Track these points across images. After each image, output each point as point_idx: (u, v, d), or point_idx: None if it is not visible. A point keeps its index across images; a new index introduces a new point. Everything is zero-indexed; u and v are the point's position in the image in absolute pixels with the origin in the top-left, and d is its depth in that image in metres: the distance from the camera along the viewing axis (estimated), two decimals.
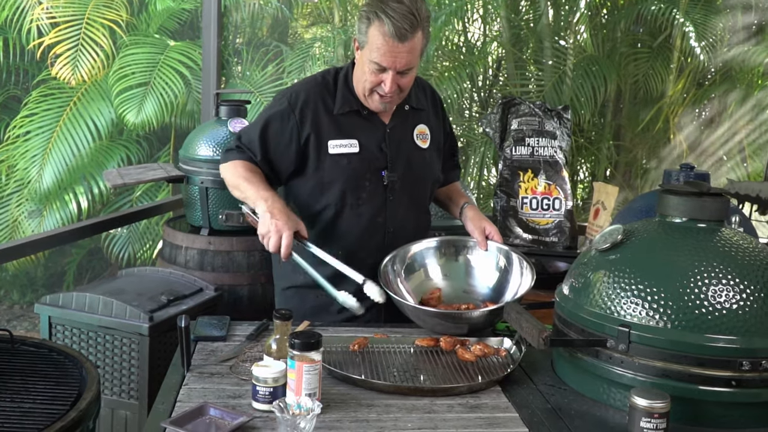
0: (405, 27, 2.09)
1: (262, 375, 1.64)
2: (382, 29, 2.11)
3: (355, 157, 2.29)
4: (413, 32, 2.12)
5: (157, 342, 2.64)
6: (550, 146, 3.85)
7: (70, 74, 5.09)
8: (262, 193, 2.18)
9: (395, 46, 2.12)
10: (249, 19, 4.92)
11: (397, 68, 2.16)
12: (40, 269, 5.70)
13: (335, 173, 2.29)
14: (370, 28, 2.14)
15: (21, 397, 1.79)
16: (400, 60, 2.14)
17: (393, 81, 2.17)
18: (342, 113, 2.31)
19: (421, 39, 2.16)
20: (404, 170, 2.35)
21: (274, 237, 2.09)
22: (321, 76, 2.38)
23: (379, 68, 2.16)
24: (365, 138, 2.32)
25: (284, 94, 2.37)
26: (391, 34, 2.10)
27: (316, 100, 2.30)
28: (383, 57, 2.13)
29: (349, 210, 2.32)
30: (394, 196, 2.34)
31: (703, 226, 1.79)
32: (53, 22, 5.10)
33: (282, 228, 2.09)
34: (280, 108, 2.31)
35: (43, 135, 5.17)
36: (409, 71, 2.20)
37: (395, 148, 2.35)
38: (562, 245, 3.74)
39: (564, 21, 4.92)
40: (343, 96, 2.31)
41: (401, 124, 2.38)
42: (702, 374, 1.59)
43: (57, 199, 5.23)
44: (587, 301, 1.76)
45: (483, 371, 1.90)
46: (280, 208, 2.14)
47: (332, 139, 2.29)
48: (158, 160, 5.43)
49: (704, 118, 5.05)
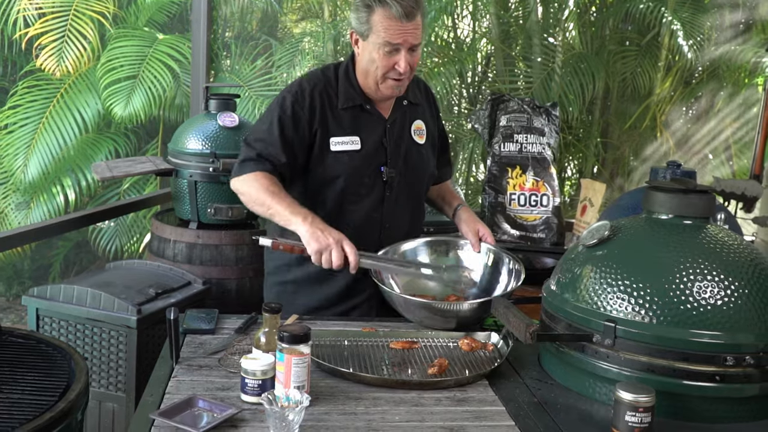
0: (411, 4, 2.15)
1: (251, 367, 1.64)
2: (388, 13, 2.14)
3: (356, 154, 2.29)
4: (417, 8, 2.17)
5: (145, 335, 2.64)
6: (538, 143, 3.87)
7: (55, 66, 5.06)
8: (298, 209, 2.13)
9: (404, 25, 2.15)
10: (238, 13, 4.90)
11: (409, 45, 2.18)
12: (26, 261, 5.67)
13: (337, 170, 2.28)
14: (373, 15, 2.16)
15: (9, 387, 1.78)
16: (410, 36, 2.18)
17: (406, 59, 2.19)
18: (345, 108, 2.30)
19: (421, 16, 2.21)
20: (402, 166, 2.36)
21: (335, 250, 2.04)
22: (321, 72, 2.36)
23: (391, 49, 2.18)
24: (367, 134, 2.31)
25: (288, 90, 2.31)
26: (399, 15, 2.14)
27: (321, 94, 2.29)
28: (395, 36, 2.16)
29: (347, 205, 2.32)
30: (391, 192, 2.35)
31: (689, 222, 1.81)
32: (41, 12, 5.07)
33: (341, 239, 2.07)
34: (289, 106, 2.27)
35: (28, 126, 5.13)
36: (417, 47, 2.22)
37: (394, 144, 2.35)
38: (550, 241, 3.76)
39: (553, 18, 4.93)
40: (346, 91, 2.31)
41: (400, 119, 2.38)
42: (686, 369, 1.61)
43: (44, 192, 5.20)
44: (574, 297, 1.78)
45: (470, 365, 1.91)
46: (324, 222, 2.11)
47: (335, 136, 2.28)
48: (146, 153, 5.41)
49: (691, 115, 5.08)
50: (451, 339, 2.06)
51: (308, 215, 2.11)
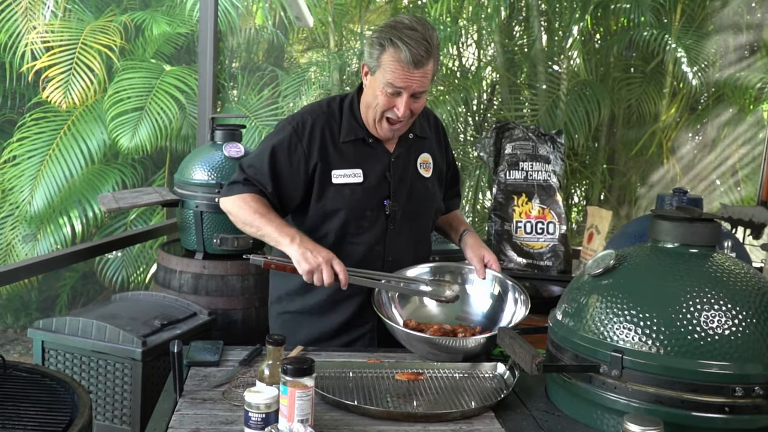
0: (421, 53, 2.11)
1: (254, 401, 1.63)
2: (398, 56, 2.11)
3: (358, 187, 2.28)
4: (428, 58, 2.13)
5: (151, 367, 2.62)
6: (543, 170, 3.87)
7: (62, 98, 5.11)
8: (286, 230, 2.15)
9: (411, 72, 2.12)
10: (245, 44, 4.94)
11: (412, 91, 2.16)
12: (33, 293, 5.68)
13: (338, 203, 2.27)
14: (384, 55, 2.14)
15: (12, 423, 1.77)
16: (416, 83, 2.15)
17: (406, 104, 2.17)
18: (347, 141, 2.29)
19: (433, 65, 2.17)
20: (406, 199, 2.34)
21: (326, 269, 2.07)
22: (326, 103, 2.35)
23: (393, 91, 2.16)
24: (369, 167, 2.30)
25: (289, 121, 2.31)
26: (407, 61, 2.10)
27: (322, 128, 2.28)
28: (398, 80, 2.13)
29: (350, 238, 2.31)
30: (395, 225, 2.33)
31: (695, 251, 1.79)
32: (47, 46, 5.12)
33: (330, 258, 2.09)
34: (286, 136, 2.27)
35: (35, 158, 5.17)
36: (421, 95, 2.20)
37: (398, 178, 2.34)
38: (557, 269, 3.74)
39: (557, 46, 4.96)
40: (349, 124, 2.30)
41: (405, 153, 2.37)
42: (695, 400, 1.59)
43: (51, 223, 5.22)
44: (580, 326, 1.76)
45: (476, 397, 1.89)
46: (312, 242, 2.13)
47: (336, 169, 2.27)
48: (153, 183, 5.43)
49: (697, 142, 5.08)
50: (457, 370, 2.04)
51: (296, 235, 2.13)
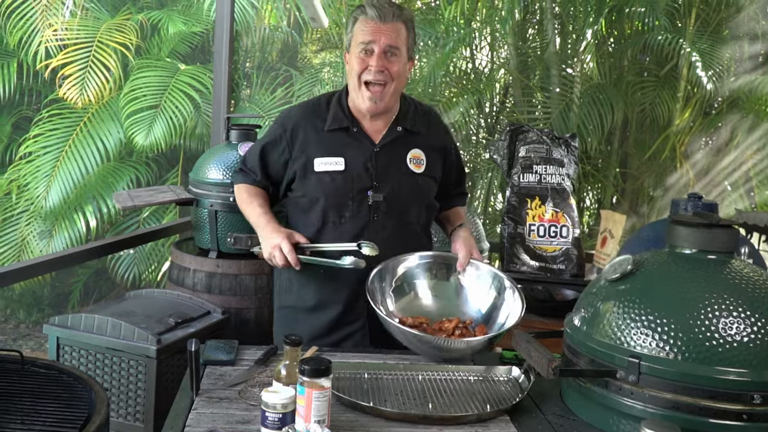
0: (385, 8, 2.27)
1: (271, 401, 1.63)
2: (365, 17, 2.28)
3: (339, 175, 2.33)
4: (394, 17, 2.27)
5: (165, 364, 2.64)
6: (557, 174, 3.86)
7: (78, 95, 5.14)
8: (258, 220, 2.35)
9: (378, 26, 2.26)
10: (259, 44, 4.97)
11: (382, 44, 2.26)
12: (46, 289, 5.72)
13: (319, 190, 2.34)
14: (356, 24, 2.30)
15: (31, 419, 1.78)
16: (384, 36, 2.26)
17: (379, 58, 2.26)
18: (331, 130, 2.36)
19: (404, 31, 2.30)
20: (391, 192, 2.35)
21: (277, 253, 2.23)
22: (318, 98, 2.48)
23: (365, 49, 2.27)
24: (351, 156, 2.34)
25: (280, 116, 2.49)
26: (373, 16, 2.26)
27: (306, 120, 2.39)
28: (367, 34, 2.27)
29: (332, 228, 2.35)
30: (378, 217, 2.34)
31: (713, 257, 1.79)
32: (63, 44, 5.16)
33: (279, 242, 2.23)
34: (274, 131, 2.44)
35: (50, 155, 5.20)
36: (394, 55, 2.28)
37: (383, 169, 2.35)
38: (570, 273, 3.74)
39: (571, 49, 4.96)
40: (335, 114, 2.38)
41: (392, 145, 2.38)
42: (713, 407, 1.59)
43: (66, 219, 5.25)
44: (597, 331, 1.76)
45: (491, 400, 1.90)
46: (272, 227, 2.29)
47: (318, 157, 2.34)
48: (167, 181, 5.46)
49: (711, 147, 5.06)
50: (471, 373, 2.05)
51: (262, 225, 2.33)
